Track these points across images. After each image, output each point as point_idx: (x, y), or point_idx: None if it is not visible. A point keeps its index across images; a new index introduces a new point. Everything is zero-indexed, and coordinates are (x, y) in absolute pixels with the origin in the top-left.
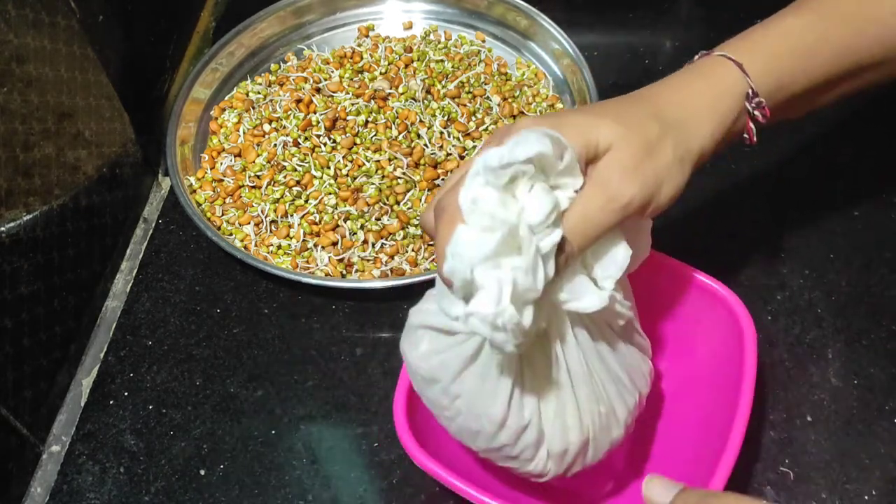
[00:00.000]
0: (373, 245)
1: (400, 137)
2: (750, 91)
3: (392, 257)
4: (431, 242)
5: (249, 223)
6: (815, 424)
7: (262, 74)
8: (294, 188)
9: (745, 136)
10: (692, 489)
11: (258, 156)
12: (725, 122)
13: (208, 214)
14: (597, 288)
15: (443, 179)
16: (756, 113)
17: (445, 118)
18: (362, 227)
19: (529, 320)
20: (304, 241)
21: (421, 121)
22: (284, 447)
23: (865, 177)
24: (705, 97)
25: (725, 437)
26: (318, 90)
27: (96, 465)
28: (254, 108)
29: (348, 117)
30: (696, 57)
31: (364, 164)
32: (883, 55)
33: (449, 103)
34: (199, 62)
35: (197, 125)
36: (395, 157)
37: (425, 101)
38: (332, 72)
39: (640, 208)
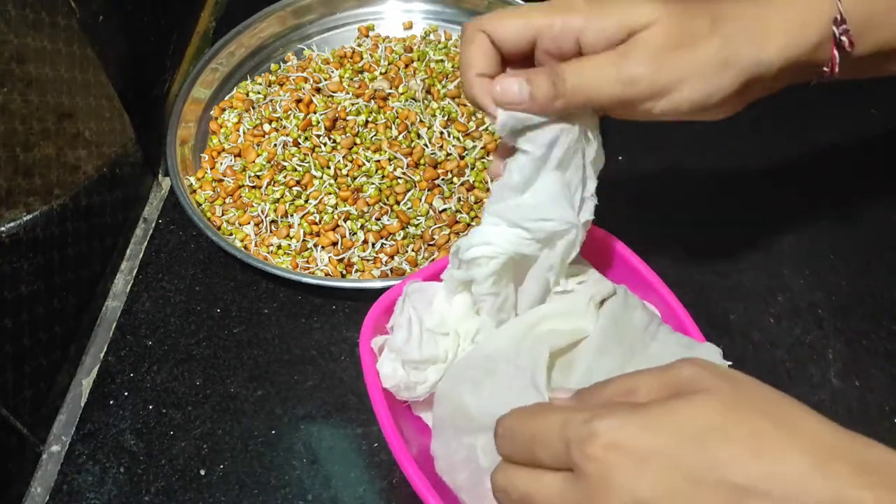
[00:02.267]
0: (373, 245)
1: (400, 137)
2: (838, 16)
3: (392, 257)
4: (431, 242)
5: (249, 223)
6: None
7: (262, 74)
8: (294, 188)
9: (826, 68)
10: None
11: (258, 156)
12: (804, 43)
13: (208, 214)
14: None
15: (443, 179)
16: (843, 39)
17: (445, 118)
18: (362, 227)
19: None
20: (304, 241)
21: (421, 121)
22: (284, 447)
23: (866, 177)
24: (785, 11)
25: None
26: (318, 90)
27: (96, 465)
28: (254, 108)
29: (348, 117)
30: None
31: (364, 164)
32: None
33: (449, 103)
34: (199, 62)
35: (197, 125)
36: (395, 157)
37: (425, 101)
38: (332, 72)
39: (650, 94)
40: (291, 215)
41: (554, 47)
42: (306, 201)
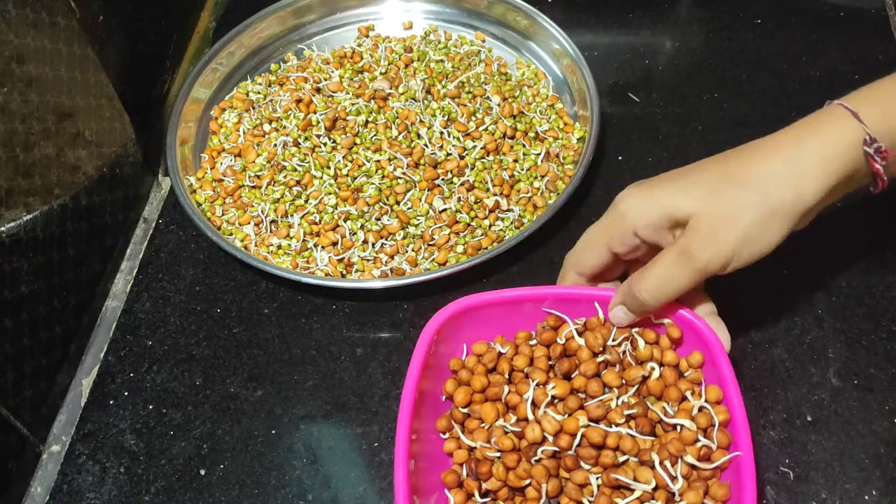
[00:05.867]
0: (373, 245)
1: (400, 137)
2: (867, 136)
3: (392, 257)
4: (431, 242)
5: (249, 223)
6: (816, 424)
7: (262, 74)
8: (294, 188)
9: (873, 184)
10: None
11: (258, 156)
12: (840, 172)
13: (208, 214)
14: None
15: (443, 179)
16: (877, 157)
17: (445, 118)
18: (362, 227)
19: None
20: (304, 241)
21: (421, 121)
22: (284, 447)
23: None
24: (813, 149)
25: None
26: (318, 90)
27: (96, 465)
28: (254, 108)
29: (348, 117)
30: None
31: (364, 164)
32: None
33: (449, 103)
34: (199, 62)
35: (197, 125)
36: (395, 157)
37: (425, 101)
38: (332, 72)
39: (719, 270)
40: (291, 215)
41: (625, 251)
42: (306, 201)
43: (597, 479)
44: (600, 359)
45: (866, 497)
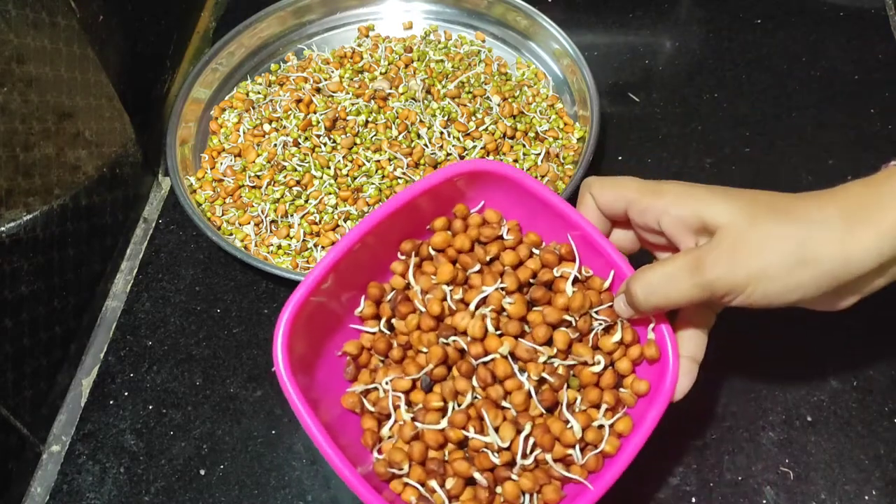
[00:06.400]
0: None
1: (400, 137)
2: None
3: None
4: None
5: (249, 223)
6: (815, 425)
7: (262, 74)
8: (294, 188)
9: None
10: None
11: (258, 156)
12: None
13: (208, 214)
14: None
15: None
16: None
17: (445, 118)
18: None
19: None
20: (304, 241)
21: (421, 121)
22: (284, 447)
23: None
24: (871, 212)
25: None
26: (318, 90)
27: (96, 465)
28: (254, 108)
29: (348, 117)
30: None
31: (364, 164)
32: None
33: (449, 103)
34: (199, 62)
35: (197, 125)
36: (395, 157)
37: (425, 101)
38: (332, 72)
39: (726, 294)
40: (291, 215)
41: (639, 220)
42: (306, 201)
43: (472, 395)
44: (566, 317)
45: (866, 497)
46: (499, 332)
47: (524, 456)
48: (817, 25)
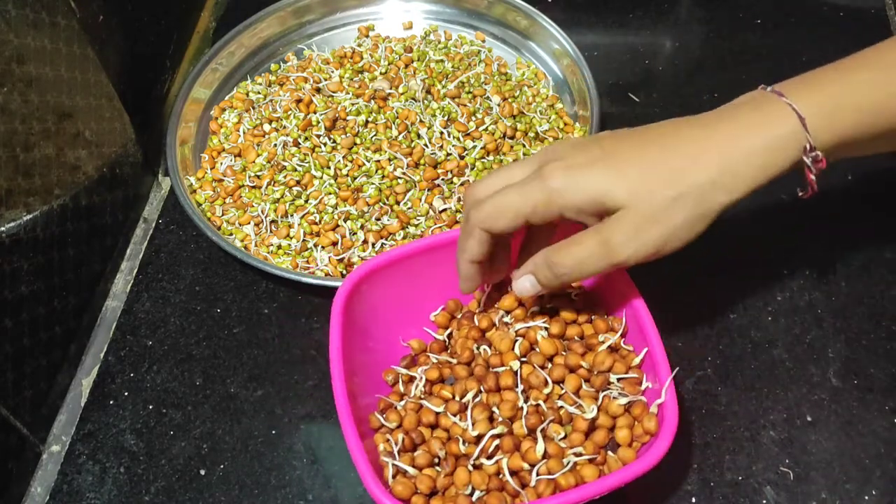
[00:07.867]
0: (373, 245)
1: (400, 137)
2: (808, 145)
3: None
4: None
5: (249, 223)
6: (815, 424)
7: (262, 74)
8: (294, 188)
9: (802, 191)
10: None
11: (258, 156)
12: (771, 174)
13: (208, 214)
14: None
15: (443, 179)
16: (813, 167)
17: (445, 118)
18: (362, 227)
19: None
20: (304, 241)
21: (421, 121)
22: (284, 447)
23: (865, 177)
24: (753, 148)
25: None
26: (318, 90)
27: (96, 465)
28: (254, 108)
29: (348, 117)
30: (759, 89)
31: (364, 164)
32: None
33: (449, 103)
34: (199, 62)
35: (197, 125)
36: (395, 157)
37: (425, 101)
38: (332, 72)
39: (638, 263)
40: (291, 215)
41: (540, 221)
42: (306, 201)
43: (475, 396)
44: (583, 363)
45: (866, 497)
46: (523, 358)
47: (485, 453)
48: (817, 25)
